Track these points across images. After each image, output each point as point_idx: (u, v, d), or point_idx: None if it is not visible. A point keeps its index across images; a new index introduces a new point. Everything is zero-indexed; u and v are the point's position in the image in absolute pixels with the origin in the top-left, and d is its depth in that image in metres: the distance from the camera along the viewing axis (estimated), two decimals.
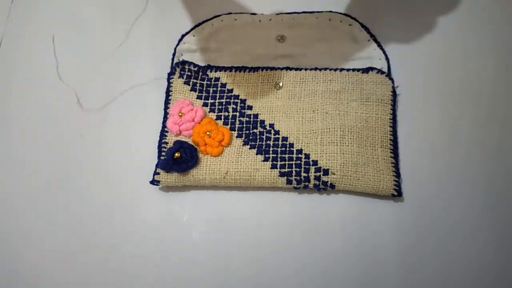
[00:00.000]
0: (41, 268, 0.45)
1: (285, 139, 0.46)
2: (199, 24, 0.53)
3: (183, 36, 0.52)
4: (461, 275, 0.42)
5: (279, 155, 0.46)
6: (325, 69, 0.50)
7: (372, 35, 0.52)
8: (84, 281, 0.44)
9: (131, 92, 0.52)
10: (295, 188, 0.45)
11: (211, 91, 0.49)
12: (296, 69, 0.50)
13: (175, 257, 0.44)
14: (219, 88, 0.50)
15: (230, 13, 0.53)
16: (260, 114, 0.48)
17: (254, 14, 0.53)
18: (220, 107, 0.49)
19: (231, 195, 0.46)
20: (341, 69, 0.49)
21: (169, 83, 0.50)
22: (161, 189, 0.47)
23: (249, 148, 0.46)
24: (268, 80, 0.50)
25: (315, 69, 0.50)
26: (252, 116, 0.48)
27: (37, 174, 0.49)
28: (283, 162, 0.45)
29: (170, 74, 0.51)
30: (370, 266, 0.43)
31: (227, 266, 0.44)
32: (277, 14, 0.53)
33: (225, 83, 0.50)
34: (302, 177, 0.44)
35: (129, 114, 0.51)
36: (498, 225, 0.44)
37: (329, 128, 0.46)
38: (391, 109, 0.48)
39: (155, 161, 0.47)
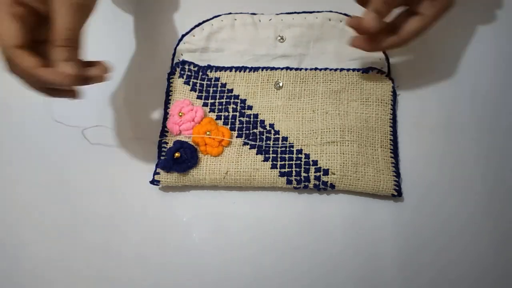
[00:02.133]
0: (42, 268, 0.45)
1: (285, 139, 0.46)
2: (199, 24, 0.53)
3: (183, 36, 0.52)
4: (460, 274, 0.42)
5: (279, 155, 0.46)
6: (325, 69, 0.50)
7: None
8: (84, 281, 0.44)
9: (131, 92, 0.52)
10: (295, 188, 0.45)
11: (211, 91, 0.49)
12: (296, 69, 0.50)
13: (175, 256, 0.44)
14: (219, 88, 0.50)
15: (230, 13, 0.53)
16: (260, 114, 0.48)
17: (254, 14, 0.53)
18: (220, 107, 0.49)
19: (231, 195, 0.46)
20: (341, 69, 0.49)
21: (169, 83, 0.50)
22: (161, 189, 0.47)
23: (249, 148, 0.46)
24: (268, 80, 0.50)
25: (315, 69, 0.50)
26: (252, 116, 0.48)
27: (37, 174, 0.49)
28: (283, 162, 0.45)
29: (170, 74, 0.51)
30: (370, 266, 0.43)
31: (227, 266, 0.44)
32: (277, 14, 0.53)
33: (225, 83, 0.50)
34: (302, 177, 0.44)
35: (129, 114, 0.51)
36: (499, 225, 0.44)
37: (329, 128, 0.46)
38: (391, 109, 0.48)
39: (155, 161, 0.47)
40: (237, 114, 0.48)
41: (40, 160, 0.49)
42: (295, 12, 0.52)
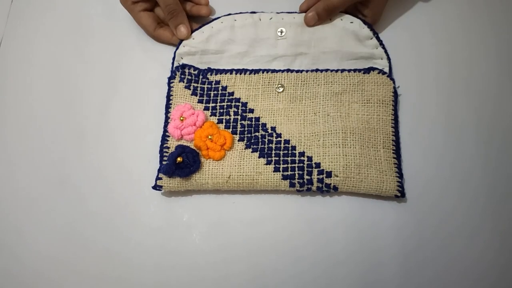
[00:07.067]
0: (41, 272, 0.45)
1: (287, 141, 0.46)
2: (200, 27, 0.52)
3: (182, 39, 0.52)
4: (463, 276, 0.42)
5: (281, 158, 0.45)
6: (326, 70, 0.49)
7: (375, 32, 0.51)
8: (85, 282, 0.44)
9: (132, 96, 0.52)
10: (298, 191, 0.45)
11: (212, 95, 0.49)
12: (297, 71, 0.50)
13: (178, 261, 0.44)
14: (220, 92, 0.49)
15: (229, 14, 0.52)
16: (261, 117, 0.48)
17: (254, 12, 0.52)
18: (222, 110, 0.48)
19: (234, 199, 0.46)
20: (342, 70, 0.49)
21: (169, 87, 0.50)
22: (163, 194, 0.47)
23: (251, 152, 0.46)
24: (269, 82, 0.49)
25: (316, 70, 0.49)
26: (253, 120, 0.48)
27: (38, 178, 0.48)
28: (285, 165, 0.45)
29: (171, 78, 0.50)
30: (374, 267, 0.43)
31: (230, 269, 0.44)
32: (278, 13, 0.52)
33: (226, 86, 0.49)
34: (305, 180, 0.44)
35: (130, 118, 0.50)
36: (501, 227, 0.44)
37: (331, 130, 0.46)
38: (392, 109, 0.47)
39: (157, 166, 0.47)
40: (239, 117, 0.48)
41: (39, 164, 0.49)
42: (295, 12, 0.52)
